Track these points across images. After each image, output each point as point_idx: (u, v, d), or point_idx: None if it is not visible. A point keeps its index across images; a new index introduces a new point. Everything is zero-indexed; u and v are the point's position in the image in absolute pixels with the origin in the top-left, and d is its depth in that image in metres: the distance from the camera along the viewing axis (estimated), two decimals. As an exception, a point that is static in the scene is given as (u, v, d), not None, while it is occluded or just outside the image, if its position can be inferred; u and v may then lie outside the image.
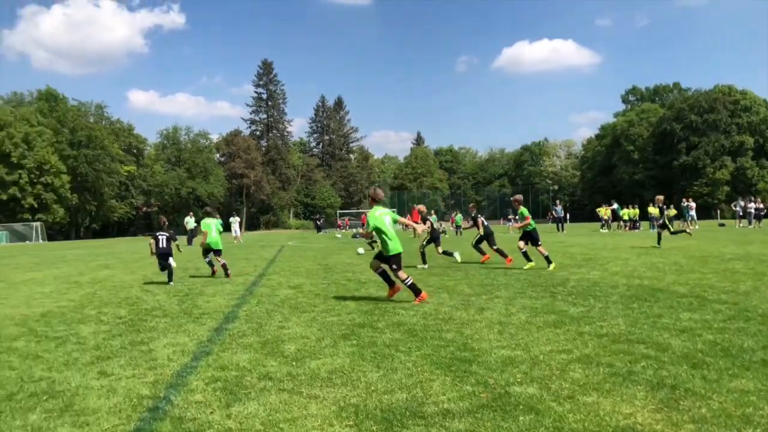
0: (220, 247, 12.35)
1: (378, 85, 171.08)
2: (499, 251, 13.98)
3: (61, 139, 69.54)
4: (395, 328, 6.02)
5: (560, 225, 34.47)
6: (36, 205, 65.30)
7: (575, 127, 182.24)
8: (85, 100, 79.97)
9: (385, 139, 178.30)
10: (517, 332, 5.68)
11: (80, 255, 23.76)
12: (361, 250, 18.33)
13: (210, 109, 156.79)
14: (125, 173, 79.88)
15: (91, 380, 4.39)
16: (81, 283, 12.01)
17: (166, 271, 11.12)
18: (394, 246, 7.87)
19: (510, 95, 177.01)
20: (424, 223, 14.05)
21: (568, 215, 36.16)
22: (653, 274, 10.25)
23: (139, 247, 22.98)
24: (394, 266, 7.88)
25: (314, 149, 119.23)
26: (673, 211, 19.99)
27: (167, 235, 11.48)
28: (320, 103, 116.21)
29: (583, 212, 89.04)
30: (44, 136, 66.06)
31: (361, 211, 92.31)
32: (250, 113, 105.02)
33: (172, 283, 10.94)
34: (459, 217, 34.94)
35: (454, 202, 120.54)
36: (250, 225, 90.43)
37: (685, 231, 19.05)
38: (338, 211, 78.38)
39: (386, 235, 7.88)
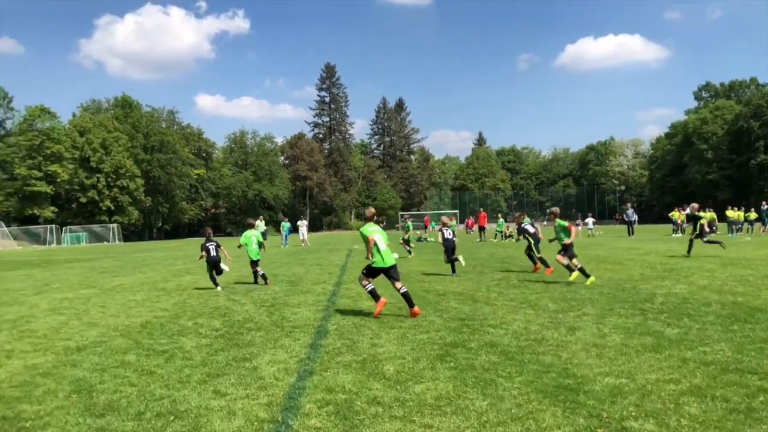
0: (259, 258, 13.06)
1: (437, 85, 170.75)
2: (542, 260, 13.70)
3: (136, 144, 72.62)
4: (489, 350, 6.02)
5: (630, 228, 33.44)
6: (112, 208, 68.50)
7: (642, 124, 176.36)
8: (158, 106, 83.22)
9: (444, 139, 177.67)
10: (617, 356, 5.58)
11: (159, 258, 24.79)
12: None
13: (273, 111, 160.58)
14: (195, 176, 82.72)
15: (209, 400, 4.61)
16: (168, 290, 12.56)
17: (216, 277, 12.30)
18: (388, 259, 8.45)
19: (573, 93, 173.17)
20: (440, 233, 14.53)
21: (636, 218, 34.96)
22: (746, 289, 9.82)
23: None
24: (392, 277, 8.50)
25: (375, 151, 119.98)
26: (708, 214, 18.17)
27: (215, 243, 12.47)
28: (381, 105, 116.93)
29: (651, 213, 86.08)
30: (120, 141, 69.16)
31: (422, 213, 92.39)
32: (314, 116, 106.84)
33: (219, 287, 11.99)
34: (501, 221, 34.54)
35: (516, 203, 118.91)
36: (313, 226, 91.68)
37: (720, 243, 17.88)
38: (401, 213, 78.33)
39: (378, 249, 8.43)
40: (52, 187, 63.46)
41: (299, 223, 35.90)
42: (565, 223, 11.75)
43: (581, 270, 11.17)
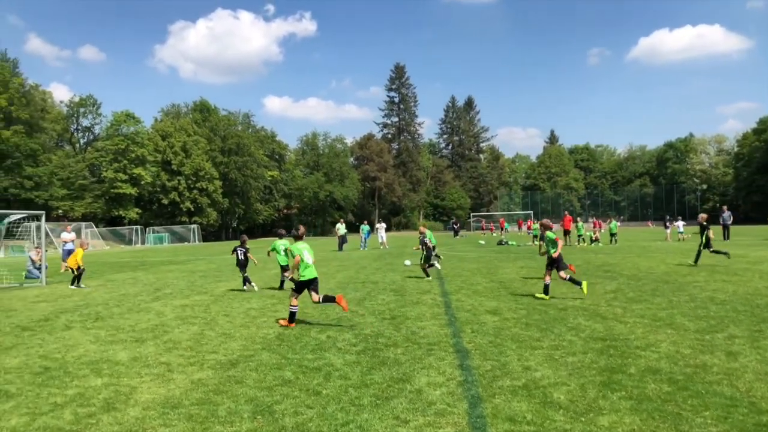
0: (288, 264, 13.73)
1: (503, 82, 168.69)
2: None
3: (214, 147, 75.04)
4: (653, 377, 5.80)
5: (726, 232, 31.86)
6: (192, 209, 71.05)
7: (722, 119, 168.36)
8: (234, 110, 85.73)
9: (510, 137, 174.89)
10: (801, 389, 5.27)
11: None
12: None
13: (339, 112, 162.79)
14: (269, 178, 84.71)
15: (395, 427, 4.63)
16: (279, 297, 12.84)
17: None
18: (311, 272, 9.38)
19: (648, 88, 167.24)
20: (421, 243, 15.84)
21: (731, 221, 33.12)
22: None
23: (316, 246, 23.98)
24: (314, 290, 9.37)
25: (443, 150, 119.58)
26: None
27: (245, 249, 14.50)
28: (450, 104, 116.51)
29: (737, 214, 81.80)
30: (199, 144, 71.64)
31: (492, 213, 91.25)
32: (382, 117, 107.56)
33: (246, 287, 14.26)
34: (615, 224, 33.16)
35: (590, 202, 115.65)
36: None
37: (726, 254, 17.35)
38: (472, 213, 77.63)
39: (304, 263, 9.34)
40: (136, 189, 66.45)
41: (377, 225, 36.16)
42: (554, 236, 11.60)
43: (547, 287, 11.42)
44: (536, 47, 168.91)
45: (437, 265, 16.31)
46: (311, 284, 9.39)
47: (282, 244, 13.92)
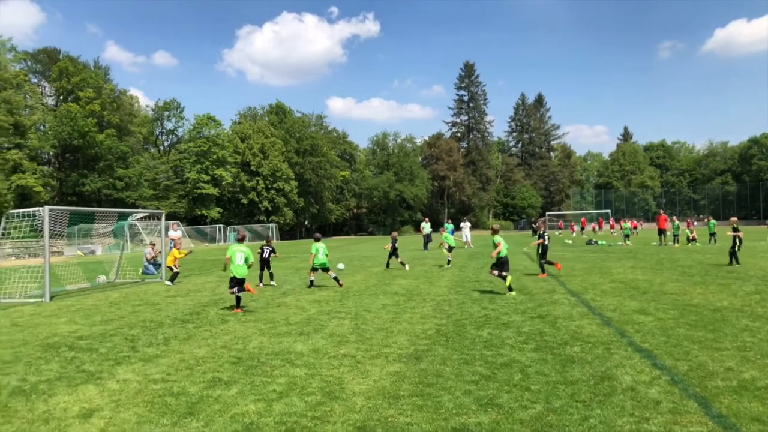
0: (328, 265, 14.79)
1: (568, 79, 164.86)
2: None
3: (290, 148, 76.72)
4: None
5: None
6: (270, 208, 72.86)
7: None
8: (307, 111, 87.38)
9: (578, 134, 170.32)
10: None
11: (342, 258, 25.74)
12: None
13: (401, 111, 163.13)
14: (340, 178, 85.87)
15: (640, 423, 4.65)
16: (405, 293, 13.01)
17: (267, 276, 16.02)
18: (240, 272, 11.50)
19: (725, 81, 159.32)
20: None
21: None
22: None
23: (375, 247, 23.66)
24: (237, 287, 11.46)
25: (513, 148, 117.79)
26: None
27: (270, 248, 15.96)
28: (520, 101, 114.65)
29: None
30: (276, 146, 73.37)
31: (563, 213, 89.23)
32: (451, 115, 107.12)
33: (267, 283, 15.61)
34: (713, 223, 31.61)
35: (666, 201, 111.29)
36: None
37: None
38: (547, 213, 76.12)
39: (235, 263, 11.51)
40: (217, 190, 68.65)
41: (462, 224, 36.02)
42: (498, 239, 13.08)
43: (502, 278, 12.80)
44: (602, 42, 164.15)
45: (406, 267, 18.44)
46: (241, 282, 11.49)
47: (321, 246, 14.72)
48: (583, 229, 54.22)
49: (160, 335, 8.99)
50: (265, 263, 16.04)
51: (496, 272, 12.92)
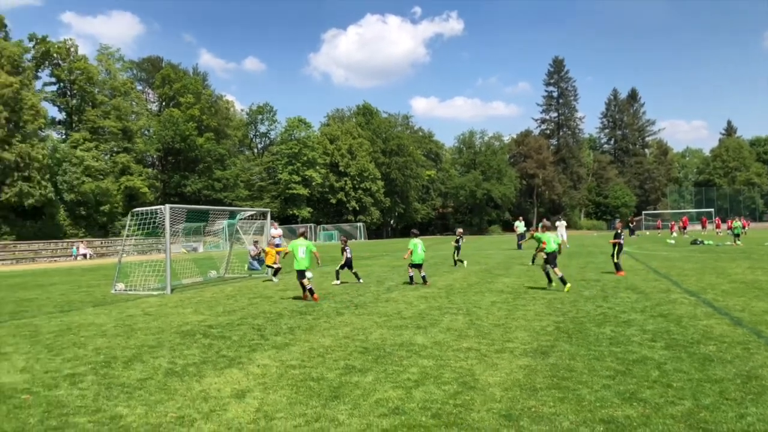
0: (421, 262, 15.02)
1: (661, 72, 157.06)
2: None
3: (376, 148, 77.76)
4: None
5: None
6: (357, 208, 74.15)
7: None
8: (393, 112, 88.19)
9: (674, 129, 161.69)
10: None
11: (435, 257, 25.81)
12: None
13: (485, 109, 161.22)
14: (426, 177, 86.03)
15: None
16: (520, 293, 12.94)
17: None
18: (303, 265, 12.59)
19: None
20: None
21: None
22: None
23: (465, 246, 23.82)
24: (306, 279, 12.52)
25: (605, 145, 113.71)
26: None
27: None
28: (612, 97, 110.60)
29: None
30: (363, 146, 74.55)
31: (660, 212, 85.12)
32: (540, 112, 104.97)
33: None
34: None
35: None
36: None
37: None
38: (644, 212, 72.89)
39: (296, 257, 12.72)
40: (307, 190, 70.61)
41: (558, 223, 35.15)
42: (546, 237, 13.63)
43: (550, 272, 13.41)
44: (698, 33, 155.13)
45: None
46: (300, 274, 12.61)
47: (419, 243, 15.15)
48: (684, 228, 51.53)
49: (283, 325, 9.43)
50: (348, 262, 16.12)
51: (550, 267, 13.42)
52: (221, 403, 5.37)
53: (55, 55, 53.39)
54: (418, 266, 15.05)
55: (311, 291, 12.64)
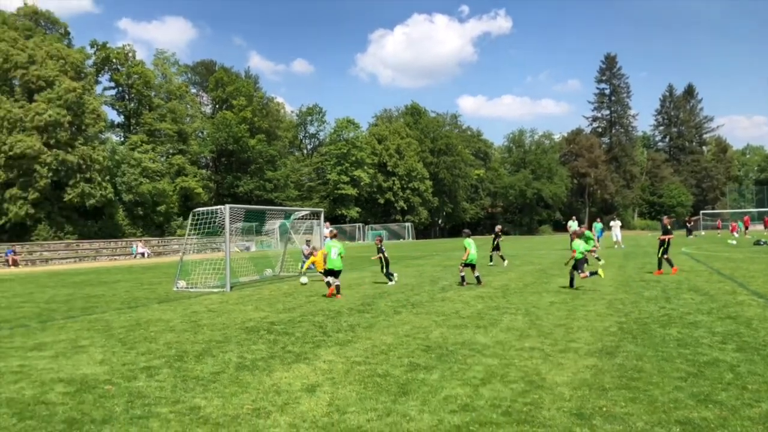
0: (476, 262, 15.03)
1: (718, 67, 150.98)
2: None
3: (424, 148, 77.71)
4: None
5: None
6: (405, 208, 74.25)
7: None
8: (441, 112, 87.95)
9: (733, 126, 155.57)
10: None
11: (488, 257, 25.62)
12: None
13: (534, 107, 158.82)
14: (475, 176, 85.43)
15: None
16: (578, 294, 12.78)
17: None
18: (333, 265, 13.36)
19: None
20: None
21: None
22: None
23: (518, 246, 23.53)
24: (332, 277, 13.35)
25: (660, 143, 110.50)
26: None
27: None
28: (667, 93, 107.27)
29: None
30: (412, 146, 74.61)
31: (719, 211, 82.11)
32: (592, 110, 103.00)
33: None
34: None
35: None
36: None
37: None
38: (702, 212, 70.48)
39: (330, 257, 13.38)
40: (356, 190, 71.12)
41: (612, 223, 34.45)
42: (575, 245, 13.60)
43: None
44: (755, 25, 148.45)
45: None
46: (333, 273, 13.52)
47: (472, 242, 14.93)
48: (746, 228, 49.61)
49: (343, 323, 9.59)
50: (386, 261, 16.27)
51: (582, 274, 13.30)
52: (293, 396, 5.53)
53: (114, 60, 55.37)
54: (472, 266, 15.02)
55: (337, 288, 13.28)
